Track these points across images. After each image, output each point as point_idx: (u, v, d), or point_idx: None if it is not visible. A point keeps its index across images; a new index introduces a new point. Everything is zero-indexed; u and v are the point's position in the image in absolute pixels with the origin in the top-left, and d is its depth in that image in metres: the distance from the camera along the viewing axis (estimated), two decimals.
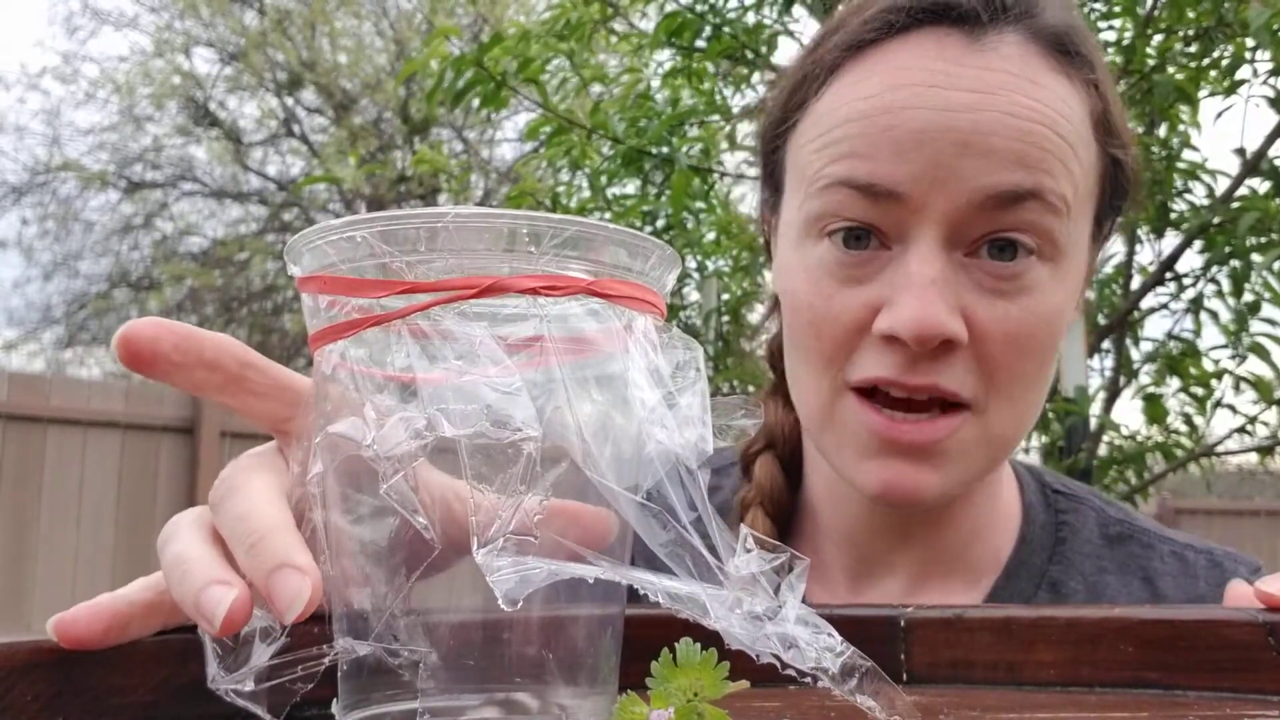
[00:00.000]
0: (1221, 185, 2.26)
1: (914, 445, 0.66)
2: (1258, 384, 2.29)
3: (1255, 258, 2.14)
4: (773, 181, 0.77)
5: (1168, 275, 2.39)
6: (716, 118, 2.40)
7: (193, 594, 0.39)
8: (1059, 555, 0.77)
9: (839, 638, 0.36)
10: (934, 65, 0.67)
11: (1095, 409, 2.39)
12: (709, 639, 0.36)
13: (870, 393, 0.68)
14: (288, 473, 0.46)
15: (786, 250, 0.73)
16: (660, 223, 2.51)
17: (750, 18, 2.32)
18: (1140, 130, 2.26)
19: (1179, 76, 2.09)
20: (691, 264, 2.65)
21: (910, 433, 0.66)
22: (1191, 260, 2.35)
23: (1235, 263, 2.17)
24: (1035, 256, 0.66)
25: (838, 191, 0.67)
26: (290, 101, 11.31)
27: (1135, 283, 2.47)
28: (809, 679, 0.35)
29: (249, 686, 0.40)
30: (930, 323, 0.63)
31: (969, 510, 0.77)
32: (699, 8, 2.30)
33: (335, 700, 0.41)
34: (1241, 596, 0.53)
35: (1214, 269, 2.27)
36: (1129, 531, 0.79)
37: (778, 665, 0.35)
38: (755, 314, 2.65)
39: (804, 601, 0.36)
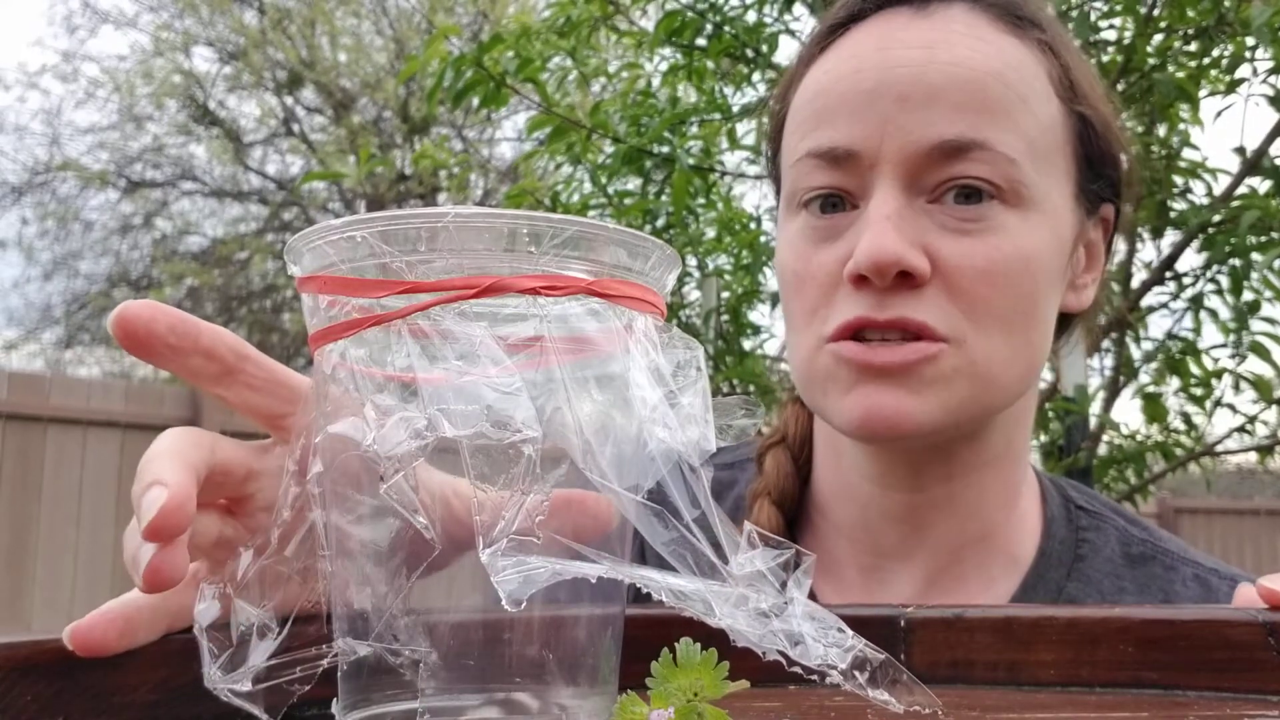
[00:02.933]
0: (1221, 184, 2.26)
1: (889, 367, 0.68)
2: (1258, 383, 2.29)
3: (1255, 256, 2.14)
4: (776, 181, 0.81)
5: (1167, 274, 2.39)
6: (717, 116, 2.40)
7: (130, 553, 0.41)
8: (1077, 572, 0.77)
9: (849, 632, 0.36)
10: (882, 33, 0.72)
11: (1095, 408, 2.39)
12: (709, 639, 0.36)
13: (847, 337, 0.70)
14: (234, 447, 0.46)
15: (780, 232, 0.77)
16: (660, 222, 2.50)
17: (750, 16, 2.32)
18: (1140, 129, 2.26)
19: (1179, 75, 2.09)
20: (692, 262, 2.64)
21: (884, 354, 0.68)
22: (1191, 259, 2.35)
23: (1235, 261, 2.16)
24: (997, 201, 0.68)
25: (806, 163, 0.71)
26: (290, 101, 11.31)
27: (1135, 281, 2.47)
28: (815, 676, 0.35)
29: (245, 686, 0.40)
30: (887, 249, 0.66)
31: (981, 502, 0.76)
32: (699, 6, 2.29)
33: (335, 700, 0.41)
34: (1248, 600, 0.53)
35: (1214, 268, 2.27)
36: (1152, 552, 0.78)
37: (784, 663, 0.35)
38: (756, 313, 2.65)
39: (816, 599, 0.36)
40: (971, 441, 0.74)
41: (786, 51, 2.38)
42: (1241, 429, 2.42)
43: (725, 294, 2.65)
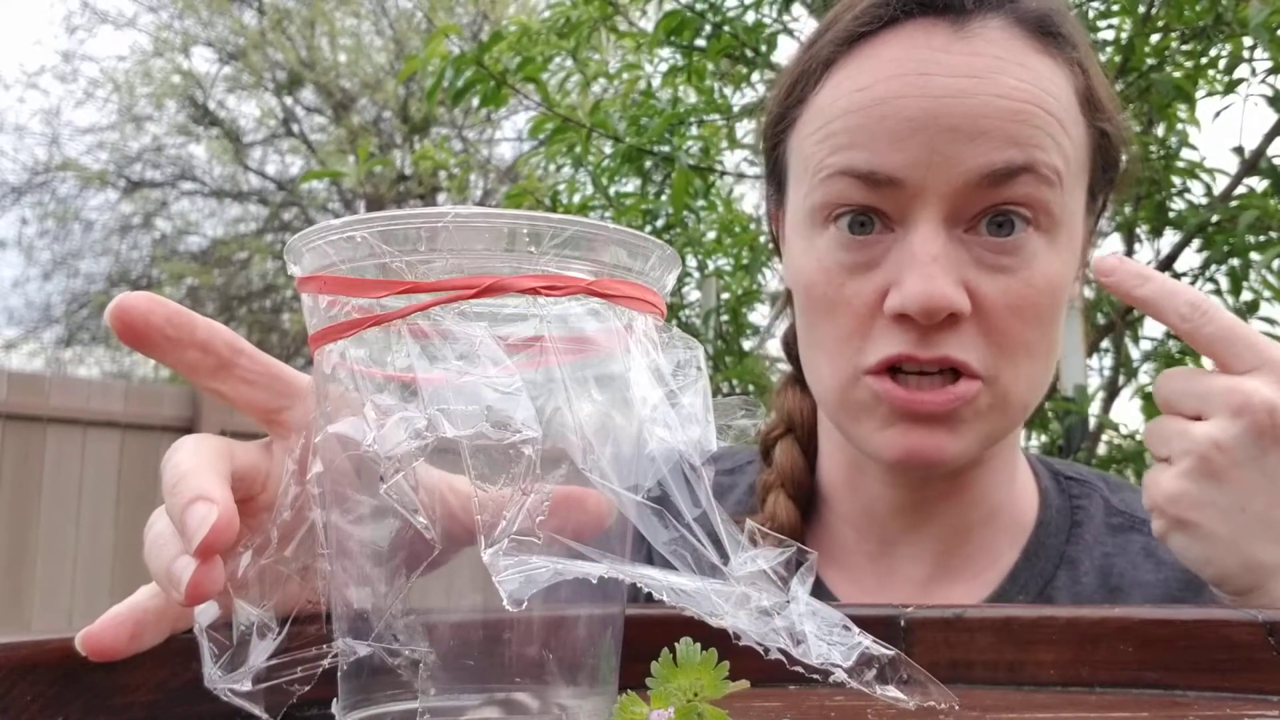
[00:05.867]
0: (1220, 184, 2.26)
1: (933, 414, 0.69)
2: None
3: (1254, 256, 2.14)
4: (776, 178, 0.80)
5: (1167, 274, 2.39)
6: (716, 116, 2.40)
7: (164, 564, 0.40)
8: (1075, 537, 0.80)
9: (855, 629, 0.36)
10: (923, 54, 0.70)
11: (1094, 408, 2.39)
12: (709, 639, 0.36)
13: (886, 371, 0.70)
14: (250, 451, 0.46)
15: (796, 241, 0.75)
16: (660, 222, 2.51)
17: (750, 16, 2.32)
18: (1138, 129, 2.26)
19: (1177, 75, 2.09)
20: (692, 263, 2.64)
21: (929, 403, 0.69)
22: (1190, 259, 2.35)
23: (1234, 261, 2.16)
24: (1032, 228, 0.69)
25: (840, 180, 0.70)
26: (290, 101, 11.31)
27: None
28: (818, 675, 0.35)
29: (246, 686, 0.40)
30: (936, 295, 0.66)
31: (987, 487, 0.78)
32: (699, 6, 2.29)
33: (335, 700, 0.41)
34: (1152, 482, 0.59)
35: (1213, 268, 2.27)
36: (1130, 523, 0.80)
37: (785, 661, 0.35)
38: (755, 313, 2.65)
39: (825, 588, 0.36)
40: None
41: (785, 51, 2.38)
42: None
43: (725, 294, 2.65)
